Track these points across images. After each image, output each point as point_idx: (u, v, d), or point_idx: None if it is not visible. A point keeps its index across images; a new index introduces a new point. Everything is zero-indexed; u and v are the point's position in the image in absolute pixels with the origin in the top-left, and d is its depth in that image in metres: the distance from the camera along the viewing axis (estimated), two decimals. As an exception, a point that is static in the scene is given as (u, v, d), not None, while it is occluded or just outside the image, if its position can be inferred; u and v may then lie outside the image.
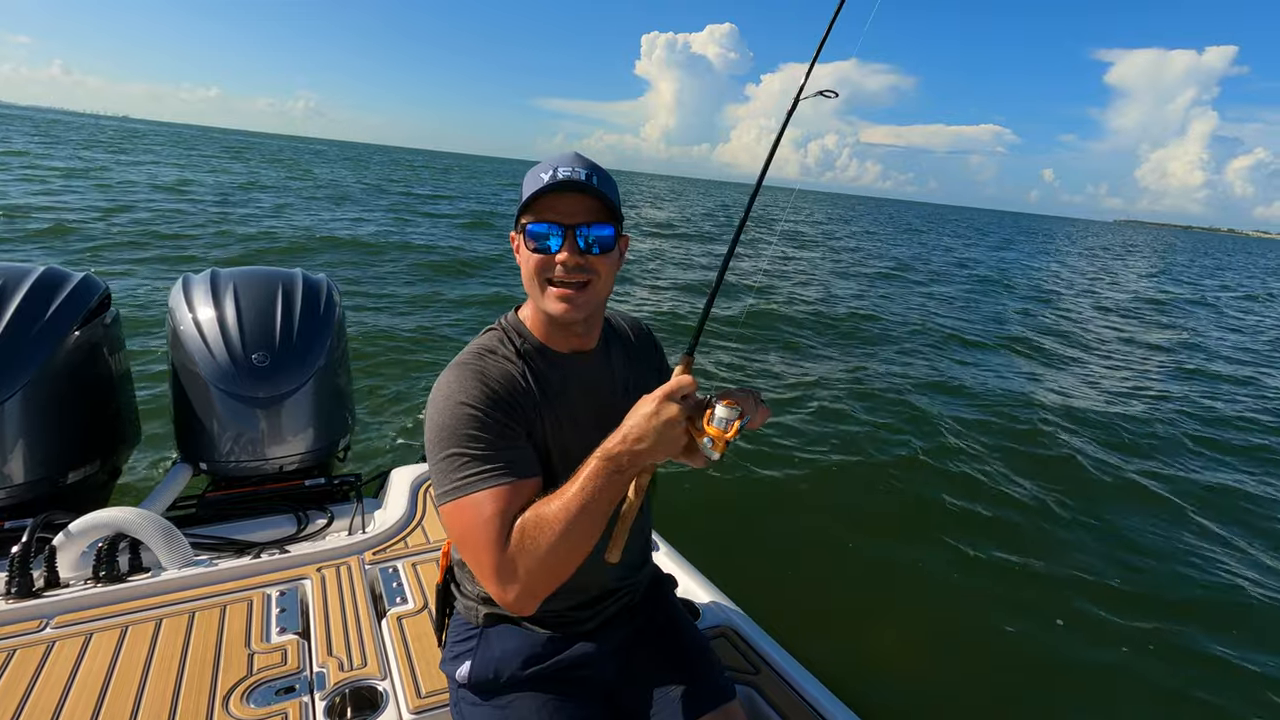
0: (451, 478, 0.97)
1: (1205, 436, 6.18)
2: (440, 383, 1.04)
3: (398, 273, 10.55)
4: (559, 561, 0.93)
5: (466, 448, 0.98)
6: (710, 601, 1.77)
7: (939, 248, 28.26)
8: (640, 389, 1.23)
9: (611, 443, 0.94)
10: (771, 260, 16.33)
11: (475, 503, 0.95)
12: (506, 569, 0.93)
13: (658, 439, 0.92)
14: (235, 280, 2.17)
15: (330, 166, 43.99)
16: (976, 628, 3.11)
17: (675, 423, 0.92)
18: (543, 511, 0.94)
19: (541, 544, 0.92)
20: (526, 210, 1.03)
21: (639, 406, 0.95)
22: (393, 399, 5.28)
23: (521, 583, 0.93)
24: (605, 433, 1.15)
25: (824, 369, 7.32)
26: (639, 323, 1.34)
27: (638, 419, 0.94)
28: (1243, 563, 3.97)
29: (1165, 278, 26.15)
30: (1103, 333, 11.66)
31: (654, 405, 0.93)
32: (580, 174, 1.00)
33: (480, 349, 1.09)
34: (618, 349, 1.23)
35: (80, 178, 19.19)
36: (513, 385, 1.05)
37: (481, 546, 0.94)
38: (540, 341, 1.12)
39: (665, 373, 1.34)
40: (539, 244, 1.02)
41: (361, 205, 20.23)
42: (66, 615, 1.51)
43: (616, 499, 0.96)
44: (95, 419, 2.01)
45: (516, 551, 0.93)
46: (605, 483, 0.93)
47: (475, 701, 1.17)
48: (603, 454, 0.94)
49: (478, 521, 0.95)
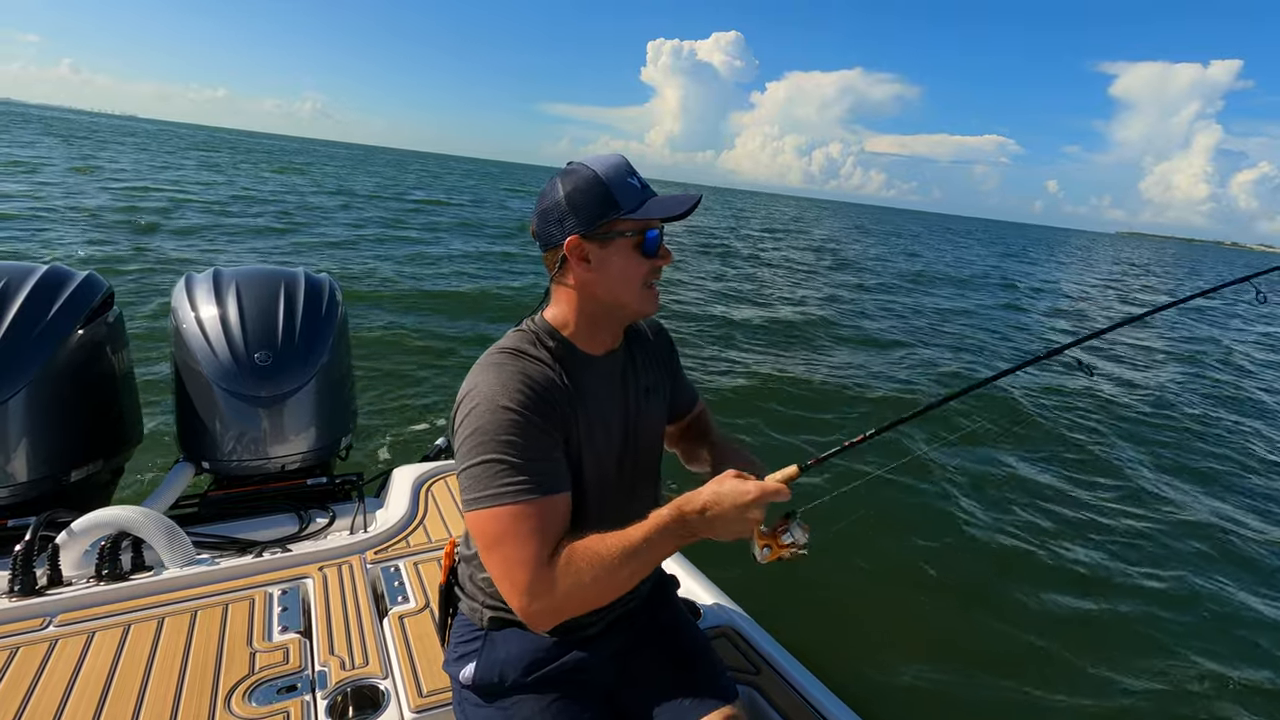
0: (489, 484, 0.96)
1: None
2: (479, 381, 1.01)
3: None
4: (597, 594, 0.96)
5: (506, 455, 0.96)
6: (712, 602, 1.77)
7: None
8: (659, 392, 1.26)
9: (689, 508, 0.97)
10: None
11: (513, 515, 0.95)
12: (542, 587, 0.94)
13: (729, 527, 0.96)
14: (238, 279, 2.18)
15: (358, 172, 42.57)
16: (978, 628, 3.11)
17: (755, 521, 0.97)
18: (596, 546, 0.96)
19: (586, 575, 0.94)
20: (625, 218, 1.03)
21: (727, 484, 0.97)
22: (395, 398, 5.29)
23: (553, 604, 0.94)
24: (628, 435, 1.17)
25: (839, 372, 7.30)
26: (655, 321, 1.34)
27: (723, 500, 0.96)
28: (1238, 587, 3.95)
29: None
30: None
31: (747, 499, 0.95)
32: (688, 202, 1.05)
33: (514, 348, 1.07)
34: (639, 350, 1.24)
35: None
36: (552, 387, 1.04)
37: (516, 561, 0.94)
38: (573, 344, 1.12)
39: (679, 375, 1.36)
40: (653, 250, 1.06)
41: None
42: (69, 613, 1.51)
43: (670, 554, 1.00)
44: (98, 418, 2.02)
45: (560, 574, 0.94)
46: (669, 540, 0.97)
47: (478, 703, 1.17)
48: (676, 516, 0.97)
49: (515, 534, 0.95)
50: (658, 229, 1.06)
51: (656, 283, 1.10)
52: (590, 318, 1.10)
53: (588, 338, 1.12)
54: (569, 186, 1.03)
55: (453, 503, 2.17)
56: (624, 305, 1.09)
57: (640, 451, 1.20)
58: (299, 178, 29.11)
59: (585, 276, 1.06)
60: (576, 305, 1.10)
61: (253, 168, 32.68)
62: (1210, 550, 4.09)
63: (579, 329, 1.11)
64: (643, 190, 1.04)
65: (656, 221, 1.05)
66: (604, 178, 1.02)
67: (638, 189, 1.04)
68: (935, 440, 4.62)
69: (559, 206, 1.03)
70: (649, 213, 1.03)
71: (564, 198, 1.03)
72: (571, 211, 1.02)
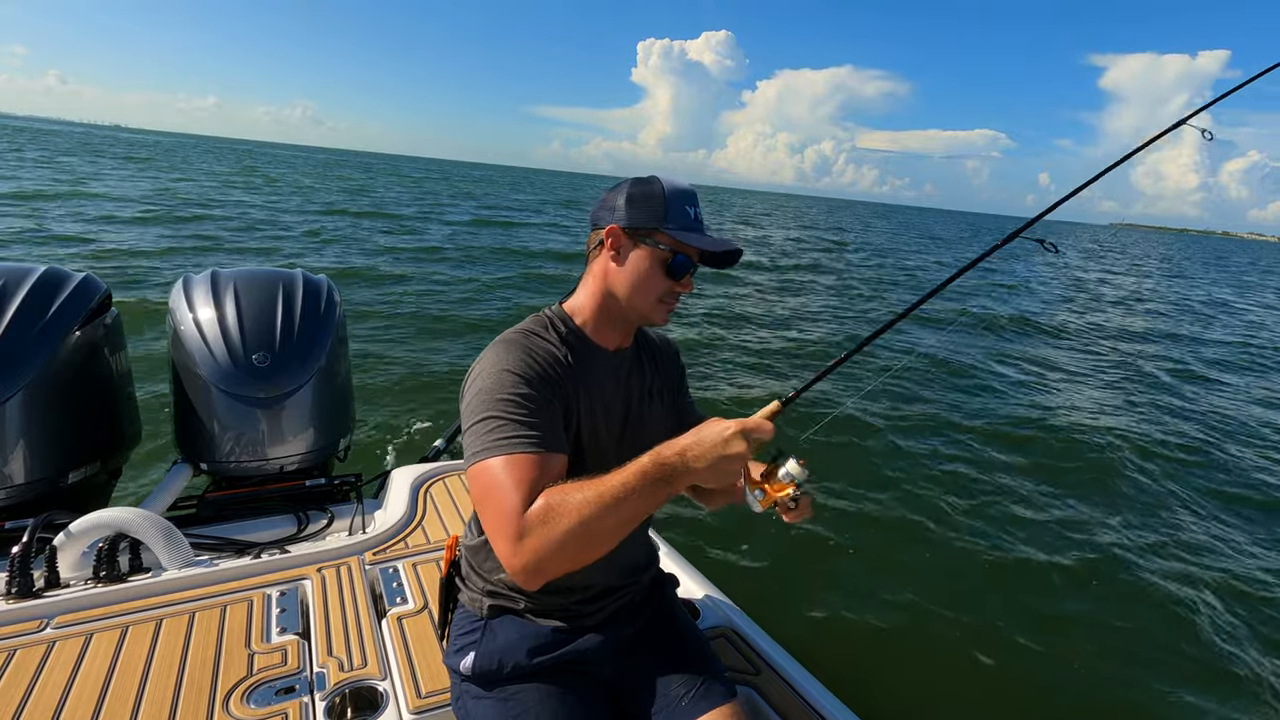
0: (484, 439, 0.98)
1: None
2: (485, 354, 1.08)
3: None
4: (574, 549, 0.91)
5: (504, 412, 0.99)
6: (711, 602, 1.77)
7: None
8: (662, 398, 1.28)
9: (668, 452, 0.93)
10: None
11: (503, 464, 0.96)
12: (519, 536, 0.92)
13: (714, 466, 0.92)
14: (236, 280, 2.17)
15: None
16: (978, 628, 3.11)
17: (738, 458, 0.92)
18: (572, 494, 0.92)
19: (560, 526, 0.90)
20: (665, 232, 1.07)
21: (708, 427, 0.94)
22: (394, 399, 5.29)
23: (530, 556, 0.91)
24: (629, 430, 1.18)
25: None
26: (665, 336, 1.38)
27: (704, 440, 0.92)
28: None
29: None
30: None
31: (726, 433, 0.92)
32: (727, 246, 1.12)
33: (527, 329, 1.13)
34: (648, 354, 1.28)
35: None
36: (557, 364, 1.09)
37: (502, 511, 0.94)
38: (585, 334, 1.16)
39: (684, 392, 1.38)
40: (678, 274, 1.10)
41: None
42: (67, 615, 1.51)
43: (652, 509, 0.96)
44: (96, 419, 2.01)
45: (535, 523, 0.91)
46: (648, 489, 0.92)
47: (478, 694, 1.17)
48: (655, 459, 0.93)
49: (503, 484, 0.95)
50: (689, 257, 1.10)
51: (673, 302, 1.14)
52: (605, 309, 1.15)
53: (599, 329, 1.17)
54: (636, 187, 1.11)
55: (452, 503, 2.17)
56: (635, 308, 1.13)
57: (638, 449, 1.21)
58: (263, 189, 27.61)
59: (610, 267, 1.12)
60: (595, 292, 1.15)
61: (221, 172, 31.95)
62: (1232, 567, 4.09)
63: (592, 319, 1.16)
64: (695, 222, 1.10)
65: (691, 249, 1.10)
66: (667, 193, 1.09)
67: (690, 218, 1.10)
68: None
69: (619, 198, 1.11)
70: (687, 239, 1.08)
71: (629, 194, 1.10)
72: (626, 205, 1.10)
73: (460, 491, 2.25)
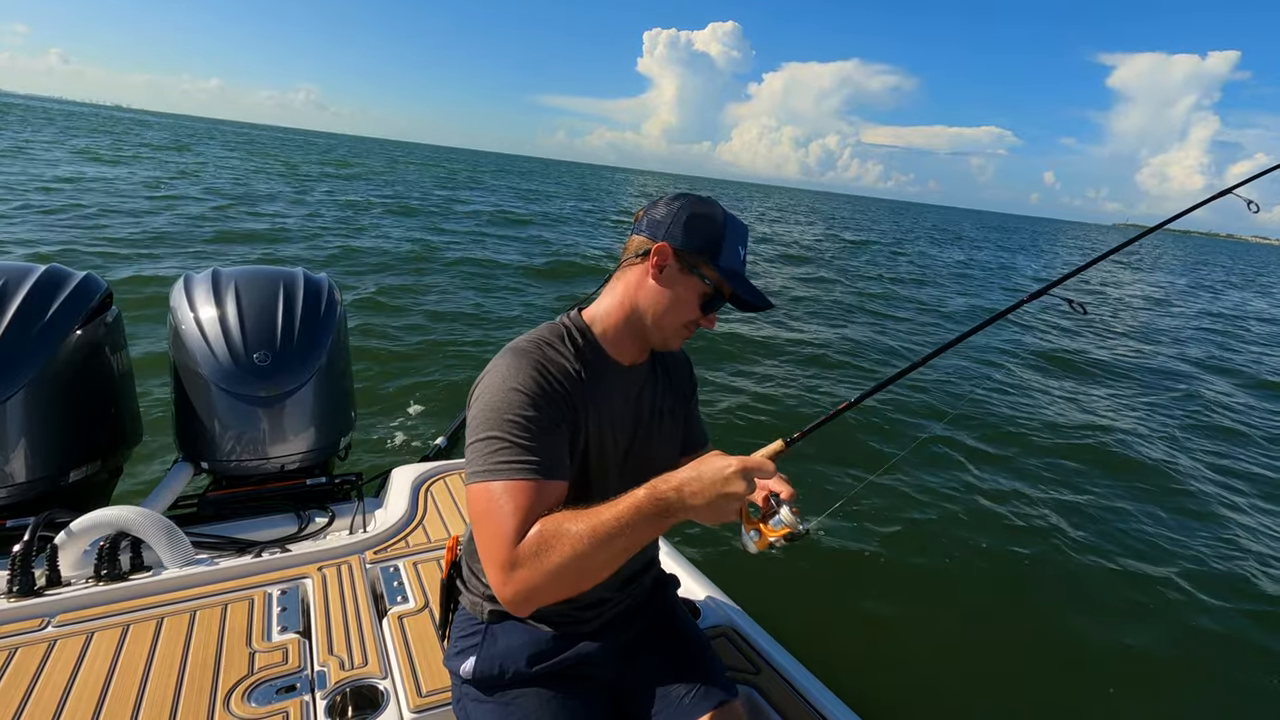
0: (487, 460, 0.97)
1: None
2: (496, 364, 1.05)
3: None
4: (565, 583, 0.91)
5: (508, 433, 0.97)
6: (711, 601, 1.77)
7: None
8: (673, 415, 1.26)
9: (664, 487, 0.91)
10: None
11: (503, 490, 0.95)
12: (511, 566, 0.92)
13: (711, 504, 0.89)
14: (236, 279, 2.18)
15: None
16: (979, 628, 3.11)
17: (736, 498, 0.90)
18: (566, 525, 0.91)
19: (553, 558, 0.89)
20: (714, 267, 1.07)
21: (707, 462, 0.91)
22: (395, 398, 5.29)
23: (521, 586, 0.91)
24: (636, 446, 1.17)
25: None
26: (685, 355, 1.36)
27: (703, 476, 0.90)
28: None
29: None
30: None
31: (725, 472, 0.89)
32: (760, 298, 1.11)
33: (541, 339, 1.09)
34: (663, 373, 1.26)
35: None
36: (568, 379, 1.06)
37: (496, 536, 0.93)
38: (601, 347, 1.13)
39: (694, 412, 1.36)
40: (709, 309, 1.11)
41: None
42: (68, 614, 1.51)
43: (647, 542, 0.93)
44: (97, 418, 2.01)
45: (527, 555, 0.91)
46: (642, 524, 0.90)
47: (479, 698, 1.17)
48: (650, 495, 0.91)
49: (501, 509, 0.94)
50: (724, 295, 1.10)
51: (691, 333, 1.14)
52: (627, 322, 1.12)
53: (618, 343, 1.13)
54: (699, 209, 1.08)
55: (452, 502, 2.17)
56: (659, 329, 1.11)
57: (642, 466, 1.18)
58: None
59: (648, 282, 1.09)
60: (622, 303, 1.12)
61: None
62: (1239, 570, 4.09)
63: (612, 330, 1.13)
64: (742, 264, 1.11)
65: (727, 290, 1.09)
66: (725, 227, 1.08)
67: (739, 260, 1.10)
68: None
69: (679, 215, 1.07)
70: (731, 281, 1.08)
71: (689, 214, 1.07)
72: (685, 226, 1.07)
73: (461, 490, 2.25)
